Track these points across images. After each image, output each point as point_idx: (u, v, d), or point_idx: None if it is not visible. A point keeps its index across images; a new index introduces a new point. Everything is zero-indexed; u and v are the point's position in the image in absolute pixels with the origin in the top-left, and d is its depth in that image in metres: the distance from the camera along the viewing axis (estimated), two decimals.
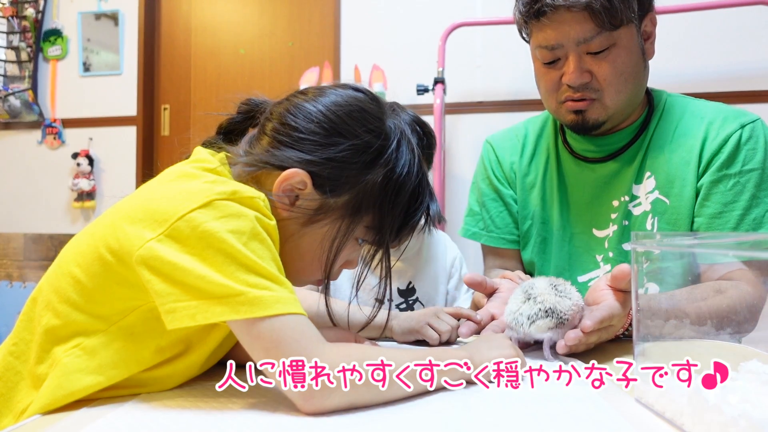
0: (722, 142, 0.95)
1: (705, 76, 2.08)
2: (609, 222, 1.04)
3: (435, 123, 2.01)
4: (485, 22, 2.18)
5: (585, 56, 0.92)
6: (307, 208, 0.62)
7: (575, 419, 0.49)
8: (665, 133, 1.01)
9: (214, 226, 0.52)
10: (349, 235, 0.64)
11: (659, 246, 0.59)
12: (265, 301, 0.50)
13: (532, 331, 0.70)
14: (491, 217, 1.17)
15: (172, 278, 0.50)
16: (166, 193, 0.57)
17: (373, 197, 0.64)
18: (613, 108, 0.96)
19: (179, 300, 0.50)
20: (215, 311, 0.50)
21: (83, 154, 2.65)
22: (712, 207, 0.94)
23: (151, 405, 0.53)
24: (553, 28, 0.91)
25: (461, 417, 0.49)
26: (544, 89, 1.01)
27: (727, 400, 0.43)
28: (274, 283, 0.52)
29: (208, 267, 0.50)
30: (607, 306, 0.71)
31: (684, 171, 0.97)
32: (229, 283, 0.50)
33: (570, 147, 1.08)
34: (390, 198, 0.64)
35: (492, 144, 1.20)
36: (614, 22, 0.88)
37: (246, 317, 0.50)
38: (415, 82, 2.12)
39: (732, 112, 0.98)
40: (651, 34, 0.98)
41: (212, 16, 2.69)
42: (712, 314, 0.67)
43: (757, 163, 0.93)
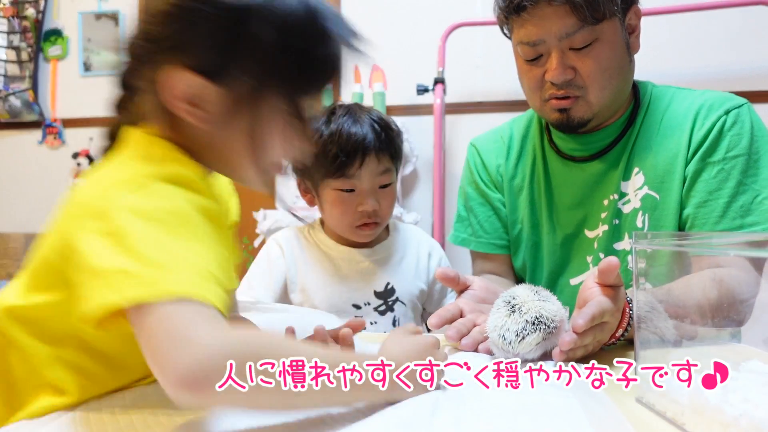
0: (708, 130, 0.92)
1: (705, 76, 2.08)
2: (599, 222, 1.01)
3: (435, 123, 2.01)
4: (485, 22, 2.18)
5: (568, 52, 0.90)
6: (211, 103, 0.56)
7: (575, 419, 0.48)
8: (652, 126, 0.98)
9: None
10: (263, 111, 0.58)
11: (660, 246, 0.59)
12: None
13: (521, 350, 0.64)
14: (479, 222, 1.13)
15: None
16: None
17: (266, 61, 0.56)
18: (598, 105, 0.93)
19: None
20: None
21: (84, 154, 2.65)
22: (698, 196, 0.92)
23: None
24: (534, 24, 0.89)
25: (460, 417, 0.49)
26: (528, 87, 0.98)
27: (728, 399, 0.43)
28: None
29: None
30: (596, 302, 0.65)
31: (673, 164, 0.94)
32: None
33: (556, 146, 1.05)
34: (284, 52, 0.56)
35: (477, 147, 1.16)
36: (597, 15, 0.86)
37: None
38: (415, 82, 2.12)
39: (718, 98, 0.96)
40: (636, 28, 0.95)
41: None
42: (712, 306, 0.64)
43: (743, 149, 0.90)
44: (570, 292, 1.02)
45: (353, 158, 0.96)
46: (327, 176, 0.98)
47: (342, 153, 0.95)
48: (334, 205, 1.00)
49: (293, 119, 0.60)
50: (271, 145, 0.60)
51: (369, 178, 0.98)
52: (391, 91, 2.26)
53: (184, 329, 0.42)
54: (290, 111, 0.60)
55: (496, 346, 0.67)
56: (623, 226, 0.99)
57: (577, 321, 0.62)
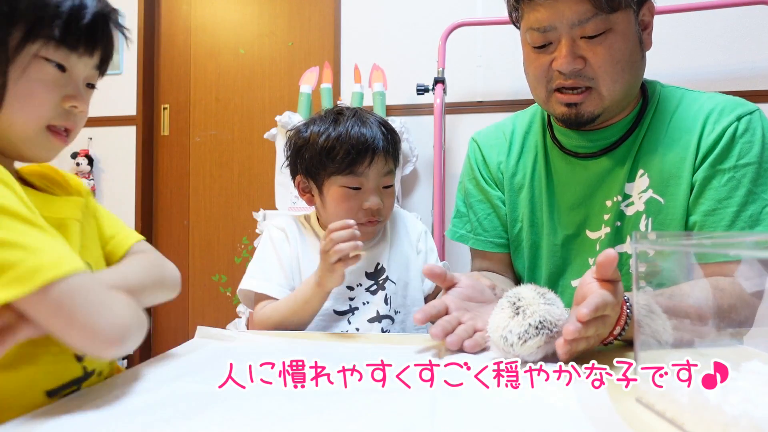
0: (718, 136, 0.90)
1: (705, 76, 2.08)
2: (602, 223, 0.99)
3: (435, 123, 2.01)
4: (485, 22, 2.18)
5: (579, 40, 0.87)
6: None
7: (575, 420, 0.48)
8: (659, 127, 0.95)
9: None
10: (7, 49, 0.56)
11: (661, 246, 0.58)
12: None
13: (522, 353, 0.64)
14: (478, 219, 1.11)
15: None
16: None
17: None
18: (610, 99, 0.90)
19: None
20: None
21: (83, 154, 2.65)
22: (706, 204, 0.89)
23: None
24: (547, 8, 0.86)
25: (459, 418, 0.49)
26: (533, 76, 0.94)
27: (729, 400, 0.43)
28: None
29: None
30: (599, 294, 0.63)
31: (680, 168, 0.92)
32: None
33: (559, 143, 1.02)
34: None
35: (478, 142, 1.14)
36: (612, 4, 0.84)
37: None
38: (415, 82, 2.12)
39: (729, 103, 0.93)
40: (649, 24, 0.92)
41: (212, 16, 2.69)
42: (713, 314, 0.64)
43: (754, 157, 0.88)
44: (570, 293, 1.00)
45: (363, 156, 1.00)
46: (335, 173, 1.01)
47: (353, 150, 0.99)
48: (340, 202, 1.02)
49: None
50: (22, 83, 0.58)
51: (375, 177, 1.02)
52: (391, 91, 2.26)
53: (93, 300, 0.51)
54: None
55: (497, 346, 0.66)
56: (626, 229, 0.97)
57: (582, 310, 0.61)
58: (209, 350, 0.74)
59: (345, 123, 1.01)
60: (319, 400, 0.53)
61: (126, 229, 0.75)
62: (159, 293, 0.69)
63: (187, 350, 0.74)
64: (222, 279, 2.65)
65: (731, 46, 2.07)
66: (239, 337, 0.83)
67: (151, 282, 0.68)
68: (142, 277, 0.66)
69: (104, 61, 0.65)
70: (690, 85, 1.04)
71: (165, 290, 0.71)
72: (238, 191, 2.65)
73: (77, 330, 0.49)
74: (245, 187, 2.64)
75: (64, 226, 0.63)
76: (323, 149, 1.00)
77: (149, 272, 0.68)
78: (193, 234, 2.70)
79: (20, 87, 0.58)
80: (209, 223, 2.69)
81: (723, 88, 2.04)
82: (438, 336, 0.72)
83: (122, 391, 0.56)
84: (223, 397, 0.54)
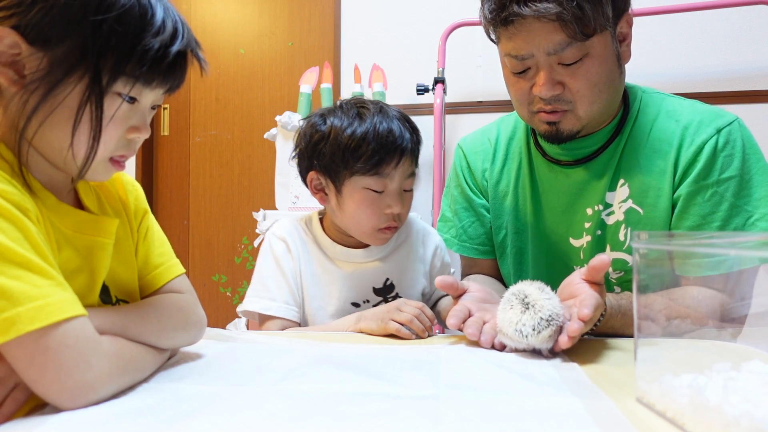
0: (697, 149, 0.90)
1: (705, 76, 2.08)
2: (583, 231, 1.00)
3: (435, 123, 2.01)
4: None
5: (557, 66, 0.87)
6: (39, 70, 0.53)
7: (575, 419, 0.48)
8: (640, 137, 0.96)
9: None
10: (97, 86, 0.55)
11: (662, 246, 0.58)
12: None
13: (535, 342, 0.70)
14: (463, 226, 1.13)
15: None
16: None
17: (94, 29, 0.53)
18: (587, 118, 0.91)
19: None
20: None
21: None
22: (691, 219, 0.91)
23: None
24: (522, 38, 0.86)
25: (462, 423, 0.49)
26: (515, 99, 0.96)
27: (729, 400, 0.43)
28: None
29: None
30: (592, 295, 0.72)
31: (659, 180, 0.93)
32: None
33: (543, 150, 1.03)
34: (112, 23, 0.54)
35: (464, 149, 1.15)
36: (587, 31, 0.83)
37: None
38: (415, 82, 2.12)
39: (708, 115, 0.93)
40: (627, 36, 0.92)
41: (212, 16, 2.69)
42: (694, 322, 0.64)
43: (735, 170, 0.89)
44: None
45: (392, 156, 0.93)
46: (358, 173, 0.94)
47: (381, 150, 0.92)
48: (363, 206, 0.95)
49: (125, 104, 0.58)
50: (107, 123, 0.57)
51: (399, 179, 0.96)
52: (391, 91, 2.26)
53: (68, 355, 0.49)
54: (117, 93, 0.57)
55: (511, 339, 0.72)
56: (606, 238, 0.98)
57: (584, 311, 0.68)
58: (209, 350, 0.74)
59: (372, 118, 0.94)
60: (320, 402, 0.53)
61: (171, 260, 0.74)
62: (177, 338, 0.67)
63: (187, 350, 0.74)
64: (222, 279, 2.65)
65: (731, 46, 2.07)
66: (239, 338, 0.83)
67: (171, 327, 0.65)
68: (154, 323, 0.63)
69: (174, 88, 0.63)
70: (691, 86, 1.04)
71: (185, 336, 0.68)
72: (238, 191, 2.65)
73: (47, 384, 0.49)
74: (245, 187, 2.64)
75: (94, 247, 0.63)
76: (348, 146, 0.92)
77: (169, 318, 0.66)
78: (193, 234, 2.70)
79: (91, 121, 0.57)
80: (209, 223, 2.69)
81: (723, 88, 2.05)
82: (475, 336, 0.76)
83: (122, 392, 0.56)
84: (224, 397, 0.54)
